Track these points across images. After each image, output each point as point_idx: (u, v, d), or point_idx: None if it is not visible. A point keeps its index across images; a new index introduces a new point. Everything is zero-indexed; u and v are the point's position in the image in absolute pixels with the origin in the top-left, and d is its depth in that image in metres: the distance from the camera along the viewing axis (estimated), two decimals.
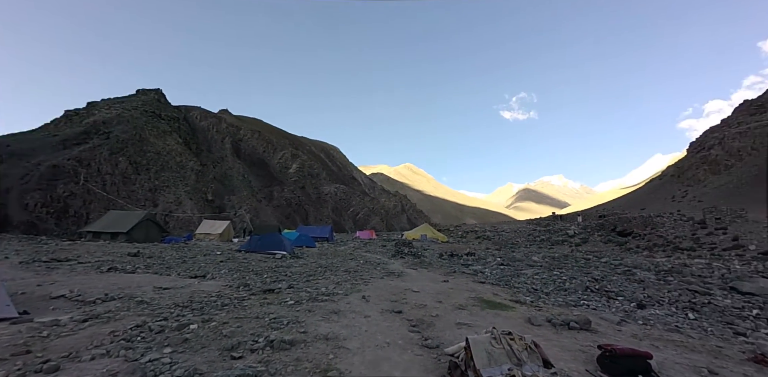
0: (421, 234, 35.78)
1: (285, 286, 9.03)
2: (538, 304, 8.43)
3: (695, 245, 26.02)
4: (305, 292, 8.39)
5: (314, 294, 8.13)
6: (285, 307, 6.94)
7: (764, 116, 79.76)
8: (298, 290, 8.67)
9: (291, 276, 10.91)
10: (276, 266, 13.12)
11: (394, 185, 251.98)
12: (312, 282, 9.94)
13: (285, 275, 11.16)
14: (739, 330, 7.31)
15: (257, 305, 7.06)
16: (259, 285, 9.16)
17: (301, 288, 8.88)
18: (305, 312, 6.58)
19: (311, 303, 7.36)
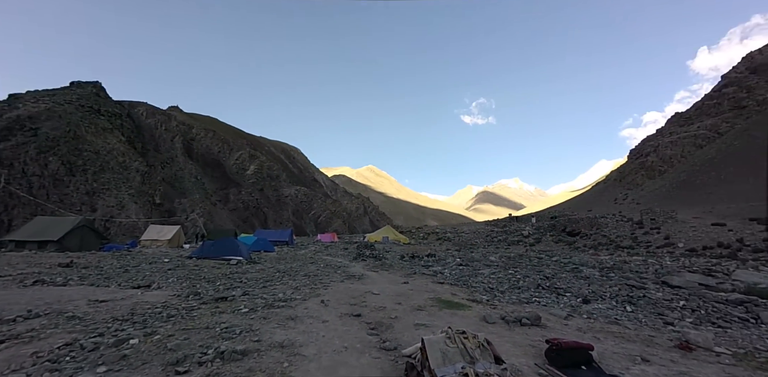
0: (383, 236, 35.96)
1: (239, 293, 8.64)
2: (493, 302, 8.74)
3: (634, 243, 28.40)
4: (261, 299, 8.09)
5: (271, 301, 7.86)
6: (238, 315, 6.63)
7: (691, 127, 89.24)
8: (254, 297, 8.34)
9: (246, 283, 10.47)
10: (231, 272, 12.52)
11: (356, 187, 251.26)
12: (269, 288, 9.60)
13: (240, 281, 10.68)
14: (668, 320, 8.04)
15: (208, 314, 6.68)
16: (211, 293, 8.68)
17: (257, 295, 8.54)
18: (260, 320, 6.33)
19: (267, 309, 7.10)
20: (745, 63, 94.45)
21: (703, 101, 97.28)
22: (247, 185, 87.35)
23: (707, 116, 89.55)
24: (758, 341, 6.75)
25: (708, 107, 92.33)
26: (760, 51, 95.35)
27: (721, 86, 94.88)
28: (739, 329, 7.85)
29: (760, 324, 8.37)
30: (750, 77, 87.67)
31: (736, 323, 8.37)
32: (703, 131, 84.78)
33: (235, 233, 27.79)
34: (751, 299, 10.07)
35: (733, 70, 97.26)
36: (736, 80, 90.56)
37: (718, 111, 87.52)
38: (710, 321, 8.38)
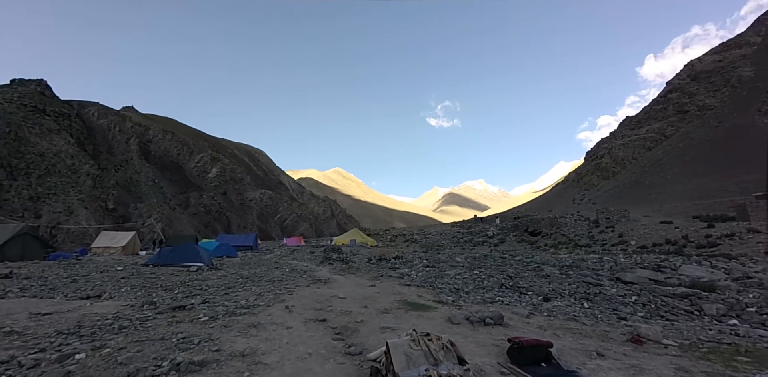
0: (351, 239, 35.72)
1: (199, 301, 8.20)
2: (458, 303, 8.86)
3: (591, 241, 30.01)
4: (222, 306, 7.72)
5: (232, 308, 7.52)
6: (197, 324, 6.28)
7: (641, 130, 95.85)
8: (214, 304, 7.95)
9: (207, 290, 9.98)
10: (190, 279, 11.90)
11: (323, 189, 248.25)
12: (231, 295, 9.20)
13: (200, 289, 10.16)
14: (622, 315, 8.51)
15: (164, 324, 6.27)
16: (168, 302, 8.18)
17: (218, 302, 8.15)
18: (220, 328, 6.02)
19: (228, 317, 6.78)
20: (687, 71, 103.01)
21: (651, 106, 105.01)
22: (209, 188, 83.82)
23: (654, 120, 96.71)
24: (701, 332, 7.28)
25: (655, 112, 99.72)
26: (699, 59, 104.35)
27: (666, 92, 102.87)
28: (684, 321, 8.44)
29: (702, 316, 9.05)
30: (691, 84, 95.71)
31: (683, 315, 9.01)
32: (651, 134, 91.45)
33: (195, 239, 26.44)
34: (695, 292, 10.88)
35: (676, 77, 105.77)
36: (679, 87, 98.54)
37: (664, 115, 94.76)
38: (659, 315, 8.96)
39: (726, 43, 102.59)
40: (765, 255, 18.29)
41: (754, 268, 15.08)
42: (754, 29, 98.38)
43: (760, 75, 77.17)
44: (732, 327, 7.88)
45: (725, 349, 6.02)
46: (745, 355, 5.67)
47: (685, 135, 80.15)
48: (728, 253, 19.47)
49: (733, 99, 78.77)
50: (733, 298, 10.37)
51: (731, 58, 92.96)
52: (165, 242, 28.99)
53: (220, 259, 19.75)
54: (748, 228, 23.49)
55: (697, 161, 66.18)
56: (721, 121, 74.43)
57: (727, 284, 12.06)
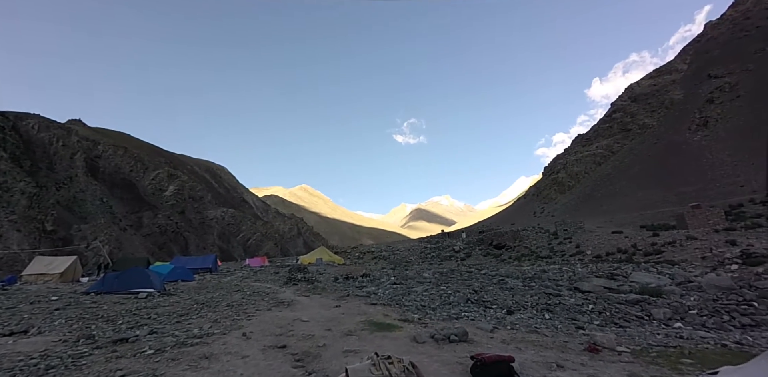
0: (317, 258, 34.83)
1: (145, 332, 7.50)
2: (424, 321, 8.76)
3: (551, 253, 31.21)
4: (171, 336, 7.10)
5: (183, 338, 6.94)
6: (141, 359, 5.70)
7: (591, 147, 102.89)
8: (163, 335, 7.30)
9: (156, 319, 9.18)
10: (137, 308, 10.92)
11: (289, 207, 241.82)
12: (183, 323, 8.52)
13: (148, 318, 9.33)
14: (579, 324, 8.77)
15: (101, 361, 5.63)
16: (109, 335, 7.41)
17: (167, 332, 7.50)
18: (167, 362, 5.50)
19: (177, 349, 6.22)
20: (627, 93, 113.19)
21: (599, 125, 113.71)
22: (164, 207, 78.96)
23: (603, 137, 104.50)
24: (650, 337, 7.65)
25: (603, 130, 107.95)
26: (638, 83, 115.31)
27: (611, 112, 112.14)
28: (636, 327, 8.85)
29: (652, 321, 9.55)
30: (632, 105, 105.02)
31: (634, 321, 9.44)
32: (600, 151, 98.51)
33: (147, 262, 24.46)
34: (645, 298, 11.50)
35: (619, 98, 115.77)
36: (622, 107, 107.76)
37: (611, 133, 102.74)
38: (613, 322, 9.34)
39: (659, 69, 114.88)
40: (702, 260, 19.86)
41: (693, 272, 16.30)
42: (681, 58, 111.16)
43: (688, 98, 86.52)
44: (677, 330, 8.36)
45: (672, 352, 6.34)
46: (689, 357, 6.02)
47: (629, 151, 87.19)
48: (672, 259, 20.96)
49: (668, 119, 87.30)
50: (677, 302, 11.07)
51: (664, 83, 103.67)
52: (112, 267, 26.66)
53: (175, 284, 18.43)
54: (687, 235, 25.51)
55: (641, 174, 71.91)
56: (659, 138, 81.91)
57: (672, 288, 12.90)
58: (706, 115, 74.76)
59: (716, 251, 20.88)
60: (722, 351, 6.57)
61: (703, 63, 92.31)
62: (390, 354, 5.22)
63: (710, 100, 76.88)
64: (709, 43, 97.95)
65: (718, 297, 11.48)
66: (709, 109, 75.25)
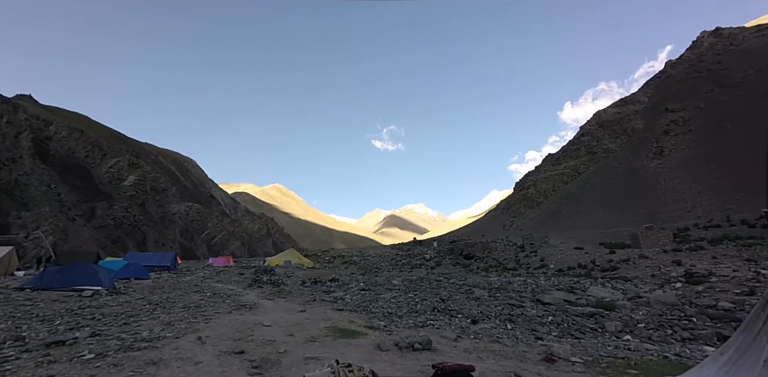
0: (286, 260, 33.97)
1: (86, 334, 6.93)
2: (390, 328, 8.67)
3: (517, 265, 32.05)
4: (117, 340, 6.60)
5: (129, 341, 6.46)
6: (77, 364, 5.24)
7: (560, 166, 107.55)
8: (107, 337, 6.78)
9: (101, 320, 8.53)
10: (80, 307, 10.12)
11: (260, 206, 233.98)
12: (131, 325, 7.96)
13: (92, 318, 8.65)
14: (539, 335, 8.98)
15: (30, 366, 5.12)
16: (43, 337, 6.79)
17: (112, 335, 6.97)
18: (108, 368, 5.08)
19: (122, 353, 5.78)
20: (595, 119, 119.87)
21: (568, 146, 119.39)
22: (122, 198, 74.03)
23: (571, 158, 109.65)
24: (602, 348, 7.95)
25: (571, 151, 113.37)
26: (605, 110, 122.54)
27: (580, 135, 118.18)
28: (590, 338, 9.17)
29: (604, 333, 9.95)
30: (598, 130, 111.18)
31: (588, 333, 9.80)
32: (567, 170, 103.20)
33: (96, 257, 22.62)
34: (599, 311, 12.00)
35: (587, 123, 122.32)
36: (589, 132, 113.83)
37: (578, 155, 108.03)
38: (570, 333, 9.64)
39: (624, 99, 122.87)
40: (652, 278, 21.05)
41: (643, 289, 17.22)
42: (643, 91, 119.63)
43: (647, 128, 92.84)
44: (626, 343, 8.78)
45: (620, 363, 6.64)
46: (635, 368, 6.35)
47: (593, 173, 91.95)
48: (625, 276, 22.08)
49: (629, 145, 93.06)
50: (627, 316, 11.64)
51: (627, 112, 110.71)
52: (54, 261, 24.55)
53: (127, 282, 17.30)
54: (639, 254, 27.03)
55: (603, 195, 75.87)
56: (620, 163, 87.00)
57: (624, 303, 13.56)
58: (661, 144, 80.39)
59: (664, 269, 22.23)
60: (663, 362, 6.95)
61: (662, 97, 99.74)
62: (351, 362, 5.09)
63: (666, 131, 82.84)
64: (668, 79, 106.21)
65: (663, 312, 12.19)
66: (665, 139, 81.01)
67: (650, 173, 74.86)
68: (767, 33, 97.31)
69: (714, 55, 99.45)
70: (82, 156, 76.46)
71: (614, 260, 26.54)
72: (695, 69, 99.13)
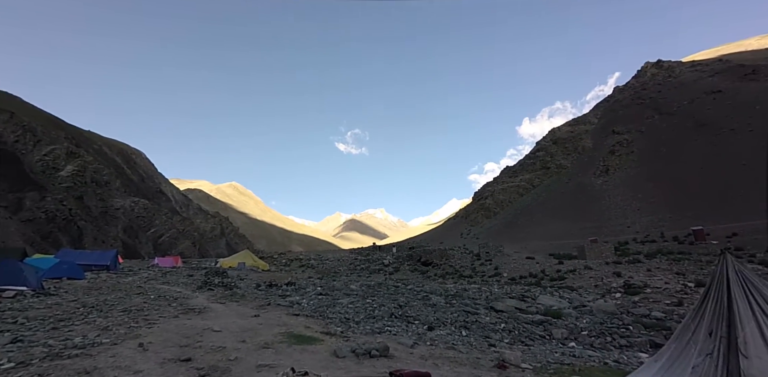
0: (240, 262, 32.58)
1: (6, 340, 6.18)
2: (347, 334, 8.55)
3: (473, 273, 32.97)
4: (43, 346, 5.95)
5: (59, 348, 5.84)
6: None
7: (516, 179, 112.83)
8: (31, 344, 6.08)
9: (25, 324, 7.65)
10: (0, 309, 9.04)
11: (215, 204, 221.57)
12: (61, 330, 7.22)
13: (13, 322, 7.73)
14: (492, 342, 9.27)
15: None
16: None
17: (38, 341, 6.27)
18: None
19: (49, 361, 5.21)
20: (550, 135, 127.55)
21: (524, 160, 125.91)
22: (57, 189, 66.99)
23: (526, 171, 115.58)
24: (550, 355, 8.35)
25: (527, 165, 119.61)
26: (559, 128, 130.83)
27: (536, 150, 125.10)
28: (539, 345, 9.61)
29: (552, 340, 10.46)
30: (552, 146, 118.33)
31: (538, 340, 10.26)
32: (523, 183, 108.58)
33: (23, 254, 20.11)
34: (547, 319, 12.62)
35: (543, 139, 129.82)
36: (544, 147, 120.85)
37: (533, 169, 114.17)
38: (521, 340, 10.04)
39: (576, 119, 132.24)
40: (595, 288, 22.55)
41: (587, 298, 18.39)
42: (594, 112, 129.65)
43: (596, 147, 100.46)
44: (571, 349, 9.29)
45: (565, 369, 7.01)
46: (579, 374, 6.74)
47: (546, 187, 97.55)
48: (571, 285, 23.45)
49: (579, 163, 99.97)
50: (573, 324, 12.35)
51: (579, 131, 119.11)
52: None
53: (58, 282, 15.70)
54: (584, 265, 28.89)
55: (555, 208, 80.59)
56: (570, 178, 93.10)
57: (570, 311, 14.38)
58: (607, 163, 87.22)
59: (605, 280, 23.92)
60: (604, 368, 7.43)
61: (609, 120, 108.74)
62: (307, 370, 4.96)
63: (612, 151, 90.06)
64: (615, 104, 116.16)
65: (604, 321, 13.07)
66: (611, 159, 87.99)
67: (597, 189, 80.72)
68: (699, 68, 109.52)
69: (655, 85, 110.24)
70: (11, 141, 68.44)
71: (562, 271, 28.13)
72: (639, 96, 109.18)
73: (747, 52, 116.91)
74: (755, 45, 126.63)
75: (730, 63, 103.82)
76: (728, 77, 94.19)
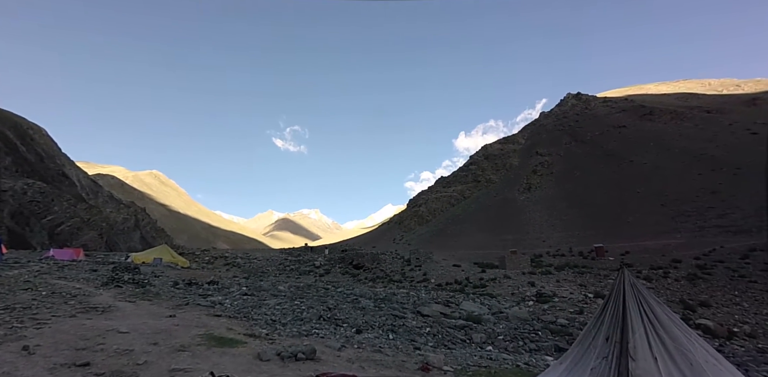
0: (156, 258, 29.56)
1: None
2: (273, 336, 8.25)
3: (402, 278, 33.79)
4: None
5: None
6: None
7: (449, 189, 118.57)
8: None
9: None
10: None
11: (130, 193, 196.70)
12: None
13: None
14: (417, 345, 9.61)
15: None
16: None
17: None
18: None
19: None
20: (483, 151, 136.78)
21: (458, 172, 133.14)
22: None
23: (459, 183, 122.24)
24: (470, 358, 8.90)
25: (460, 177, 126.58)
26: (491, 145, 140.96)
27: (469, 163, 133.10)
28: (460, 349, 10.18)
29: (472, 344, 11.16)
30: (484, 161, 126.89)
31: (459, 344, 10.87)
32: (455, 194, 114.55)
33: None
34: (469, 324, 13.45)
35: (476, 153, 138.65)
36: (477, 162, 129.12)
37: (465, 181, 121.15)
38: (444, 344, 10.56)
39: (506, 138, 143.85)
40: (512, 295, 24.59)
41: (504, 305, 19.98)
42: (522, 133, 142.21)
43: (521, 166, 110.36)
44: (488, 353, 10.01)
45: (483, 371, 7.54)
46: (494, 375, 7.28)
47: (476, 199, 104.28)
48: (492, 293, 25.28)
49: (506, 179, 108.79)
50: (491, 329, 13.33)
51: (507, 150, 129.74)
52: None
53: None
54: (504, 275, 31.36)
55: (482, 220, 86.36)
56: (497, 193, 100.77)
57: (489, 317, 15.50)
58: (530, 181, 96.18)
59: (521, 289, 26.24)
60: (516, 370, 8.12)
61: (534, 141, 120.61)
62: (228, 374, 4.72)
63: (534, 171, 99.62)
64: (540, 128, 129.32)
65: (518, 326, 14.31)
66: (533, 178, 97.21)
67: (519, 204, 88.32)
68: (609, 104, 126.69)
69: (574, 115, 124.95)
70: None
71: (484, 279, 30.19)
72: (560, 123, 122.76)
73: (647, 95, 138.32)
74: (653, 90, 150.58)
75: (634, 103, 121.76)
76: (631, 115, 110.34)
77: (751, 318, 18.98)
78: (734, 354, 12.50)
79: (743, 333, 16.52)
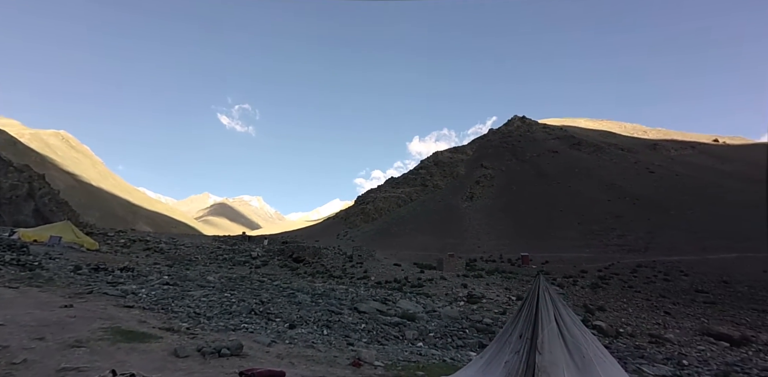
0: (53, 236, 25.54)
1: None
2: (194, 331, 7.43)
3: (343, 274, 33.33)
4: None
5: None
6: None
7: (398, 190, 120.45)
8: None
9: None
10: None
11: (26, 155, 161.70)
12: None
13: None
14: (351, 341, 9.34)
15: None
16: None
17: None
18: None
19: None
20: (433, 157, 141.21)
21: (408, 174, 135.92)
22: None
23: (408, 185, 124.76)
24: (401, 353, 8.84)
25: (409, 179, 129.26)
26: (441, 152, 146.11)
27: (419, 167, 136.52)
28: (392, 345, 10.11)
29: (404, 340, 11.16)
30: (434, 167, 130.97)
31: (392, 340, 10.80)
32: (403, 196, 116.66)
33: None
34: (403, 321, 13.49)
35: (426, 159, 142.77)
36: (427, 167, 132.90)
37: (414, 184, 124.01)
38: (378, 340, 10.41)
39: (456, 148, 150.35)
40: (445, 296, 25.41)
41: (438, 304, 20.53)
42: (470, 146, 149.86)
43: (467, 175, 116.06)
44: (419, 349, 10.09)
45: (412, 366, 7.54)
46: (422, 370, 7.34)
47: (422, 202, 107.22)
48: (427, 292, 25.90)
49: (452, 186, 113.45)
50: (423, 326, 13.52)
51: (456, 159, 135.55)
52: None
53: None
54: (441, 276, 32.40)
55: (426, 223, 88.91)
56: (442, 199, 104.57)
57: (422, 315, 15.74)
58: (473, 191, 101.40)
59: (455, 290, 27.27)
60: (443, 365, 8.25)
61: (480, 155, 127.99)
62: (134, 372, 4.03)
63: (478, 182, 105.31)
64: (487, 143, 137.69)
65: (448, 324, 14.71)
66: (476, 188, 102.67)
67: (461, 211, 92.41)
68: (547, 131, 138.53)
69: (518, 135, 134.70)
70: None
71: (422, 279, 30.88)
72: (505, 141, 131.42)
73: (577, 128, 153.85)
74: (583, 124, 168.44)
75: (567, 133, 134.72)
76: (564, 143, 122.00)
77: (633, 321, 22.02)
78: (618, 350, 14.26)
79: (626, 333, 19.14)
